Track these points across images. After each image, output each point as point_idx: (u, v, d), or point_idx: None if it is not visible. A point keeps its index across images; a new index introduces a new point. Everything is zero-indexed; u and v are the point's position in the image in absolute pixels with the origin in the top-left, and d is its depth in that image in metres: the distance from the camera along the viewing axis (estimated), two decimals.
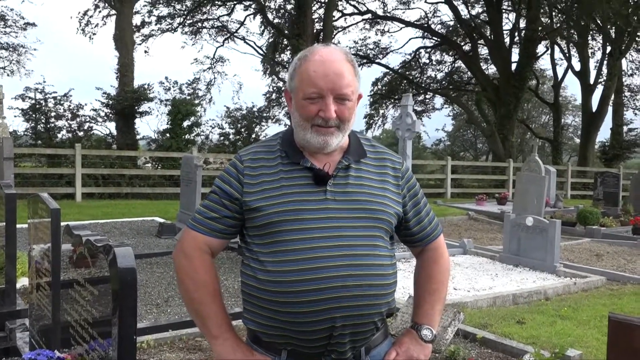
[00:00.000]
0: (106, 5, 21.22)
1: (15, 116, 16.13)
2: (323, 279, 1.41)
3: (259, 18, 24.79)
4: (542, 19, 24.62)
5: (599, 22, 22.90)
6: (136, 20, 21.55)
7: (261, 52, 25.73)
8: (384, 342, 1.58)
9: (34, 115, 15.99)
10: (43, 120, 16.14)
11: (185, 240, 1.57)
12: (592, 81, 26.57)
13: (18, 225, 3.98)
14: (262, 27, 25.39)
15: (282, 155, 1.53)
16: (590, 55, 26.85)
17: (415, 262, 1.74)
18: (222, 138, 18.76)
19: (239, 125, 18.72)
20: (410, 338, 1.61)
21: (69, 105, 16.38)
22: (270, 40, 25.87)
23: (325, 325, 1.42)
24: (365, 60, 27.13)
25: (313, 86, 1.46)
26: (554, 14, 25.42)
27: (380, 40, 27.86)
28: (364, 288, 1.44)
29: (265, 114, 20.38)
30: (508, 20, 26.32)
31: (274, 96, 26.62)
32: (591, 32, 25.67)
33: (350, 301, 1.42)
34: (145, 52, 26.57)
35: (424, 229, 1.65)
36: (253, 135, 18.62)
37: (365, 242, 1.47)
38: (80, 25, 22.02)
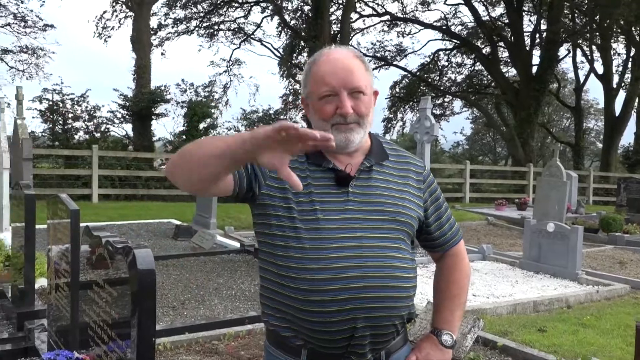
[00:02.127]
0: (123, 7, 21.44)
1: (33, 117, 16.36)
2: (344, 279, 1.39)
3: (276, 20, 24.85)
4: (564, 20, 24.30)
5: (622, 23, 22.52)
6: (153, 22, 21.74)
7: (278, 54, 25.78)
8: (404, 347, 1.57)
9: (51, 117, 16.18)
10: (60, 122, 16.34)
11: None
12: (615, 85, 26.16)
13: (36, 226, 4.00)
14: (279, 29, 25.42)
15: (305, 157, 1.51)
16: (613, 58, 26.44)
17: (433, 267, 1.71)
18: None
19: (255, 127, 18.74)
20: (430, 343, 1.59)
21: (86, 107, 16.58)
22: (287, 42, 25.91)
23: (346, 326, 1.41)
24: (383, 63, 27.01)
25: (325, 85, 1.45)
26: (576, 15, 25.09)
27: (402, 43, 27.63)
28: (385, 290, 1.43)
29: (282, 117, 20.40)
30: (529, 23, 26.07)
31: (290, 98, 26.66)
32: (615, 35, 25.27)
33: (372, 302, 1.41)
34: (162, 54, 26.78)
35: (445, 234, 1.64)
36: None
37: (387, 244, 1.46)
38: (97, 29, 22.25)
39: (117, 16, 21.99)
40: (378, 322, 1.44)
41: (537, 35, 25.21)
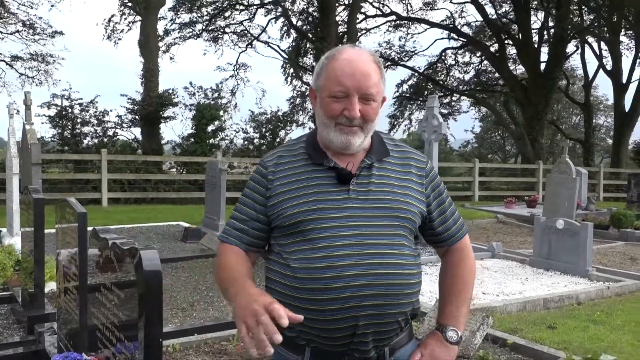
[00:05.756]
0: (131, 11, 21.52)
1: (42, 123, 16.50)
2: (346, 277, 1.40)
3: (280, 22, 24.79)
4: (572, 17, 24.13)
5: (630, 19, 22.32)
6: (160, 26, 21.74)
7: (284, 55, 25.72)
8: (409, 344, 1.57)
9: (60, 122, 16.30)
10: (69, 127, 16.47)
11: (219, 251, 1.60)
12: (624, 80, 25.93)
13: (45, 231, 4.03)
14: (284, 29, 25.27)
15: (306, 157, 1.53)
16: (622, 53, 26.21)
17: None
18: (246, 142, 18.83)
19: (263, 129, 18.77)
20: (435, 340, 1.59)
21: (95, 112, 16.68)
22: (293, 43, 25.86)
23: (348, 324, 1.41)
24: (389, 63, 26.93)
25: (339, 85, 1.46)
26: (584, 11, 24.91)
27: (406, 42, 27.51)
28: (387, 287, 1.42)
29: (289, 118, 20.38)
30: (537, 19, 25.90)
31: (297, 101, 26.62)
32: (623, 30, 25.04)
33: (373, 300, 1.41)
34: (171, 59, 26.75)
35: (449, 228, 1.63)
36: (277, 140, 18.64)
37: (389, 240, 1.46)
38: (106, 32, 22.34)
39: (125, 19, 22.10)
40: (380, 319, 1.44)
41: (545, 32, 25.05)
